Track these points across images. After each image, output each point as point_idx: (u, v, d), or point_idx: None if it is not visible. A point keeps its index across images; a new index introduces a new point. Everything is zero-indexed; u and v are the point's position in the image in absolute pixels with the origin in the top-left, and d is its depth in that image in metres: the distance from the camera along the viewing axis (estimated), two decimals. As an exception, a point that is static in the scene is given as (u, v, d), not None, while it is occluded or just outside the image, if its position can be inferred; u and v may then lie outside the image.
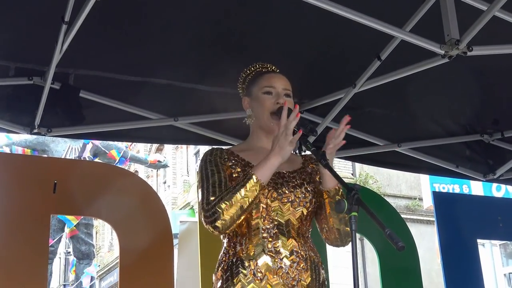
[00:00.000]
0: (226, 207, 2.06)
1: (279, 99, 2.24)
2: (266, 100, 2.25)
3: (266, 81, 2.29)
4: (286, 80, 2.31)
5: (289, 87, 2.30)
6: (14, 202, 3.58)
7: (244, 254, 2.13)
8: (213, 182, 2.15)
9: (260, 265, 2.10)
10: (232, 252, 2.17)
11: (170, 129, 3.80)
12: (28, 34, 3.00)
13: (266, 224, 2.15)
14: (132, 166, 20.20)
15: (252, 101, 2.31)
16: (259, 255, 2.12)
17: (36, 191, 3.60)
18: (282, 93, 2.26)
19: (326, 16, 2.70)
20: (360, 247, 14.53)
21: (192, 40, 3.16)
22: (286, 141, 2.05)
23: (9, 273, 3.40)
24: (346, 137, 2.14)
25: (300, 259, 2.14)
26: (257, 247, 2.13)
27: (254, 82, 2.32)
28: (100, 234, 24.86)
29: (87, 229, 9.52)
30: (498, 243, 14.44)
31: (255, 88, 2.30)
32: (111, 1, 2.40)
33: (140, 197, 3.89)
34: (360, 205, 1.85)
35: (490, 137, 4.24)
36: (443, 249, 4.41)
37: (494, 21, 2.70)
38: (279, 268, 2.10)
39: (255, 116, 2.30)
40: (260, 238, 2.14)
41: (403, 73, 3.17)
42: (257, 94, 2.28)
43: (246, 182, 2.06)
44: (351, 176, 16.79)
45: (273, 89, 2.27)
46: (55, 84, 3.30)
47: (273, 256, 2.12)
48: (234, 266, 2.13)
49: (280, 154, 2.07)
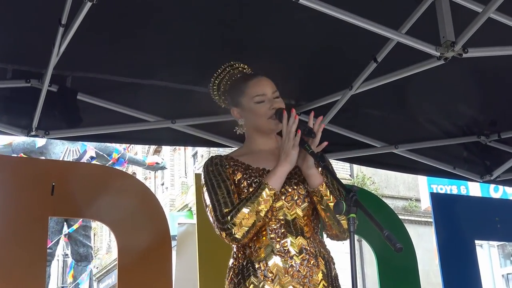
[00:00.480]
0: (244, 218, 2.08)
1: (273, 104, 2.24)
2: (261, 109, 2.24)
3: (254, 89, 2.25)
4: (270, 81, 2.29)
5: (275, 87, 2.28)
6: (12, 205, 3.58)
7: (254, 257, 2.15)
8: (221, 193, 2.16)
9: (270, 266, 2.11)
10: (242, 256, 2.18)
11: (167, 131, 3.80)
12: (25, 36, 3.00)
13: (272, 225, 2.16)
14: (130, 168, 20.17)
15: (243, 111, 2.29)
16: (269, 256, 2.13)
17: (34, 193, 3.60)
18: (273, 97, 2.25)
19: (323, 19, 2.71)
20: (358, 248, 14.55)
21: (190, 42, 3.16)
22: (290, 146, 2.11)
23: (8, 276, 3.40)
24: (343, 139, 2.16)
25: (310, 256, 2.15)
26: (266, 249, 2.14)
27: (239, 92, 2.28)
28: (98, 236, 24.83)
29: (85, 231, 9.49)
30: (496, 244, 14.45)
31: (243, 99, 2.27)
32: (107, 3, 2.40)
33: (138, 199, 3.89)
34: (358, 207, 1.86)
35: (487, 138, 4.25)
36: (441, 250, 4.42)
37: (489, 23, 2.72)
38: (290, 267, 2.11)
39: (251, 124, 2.30)
40: (268, 239, 2.15)
41: (399, 74, 3.18)
42: (249, 105, 2.26)
43: (260, 192, 2.10)
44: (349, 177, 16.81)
45: (265, 97, 2.24)
46: (52, 86, 3.30)
47: (282, 255, 2.13)
48: (245, 269, 2.14)
49: (287, 161, 2.12)
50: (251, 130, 2.32)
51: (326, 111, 3.67)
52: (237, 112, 2.31)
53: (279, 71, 2.40)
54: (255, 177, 2.20)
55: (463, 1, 2.74)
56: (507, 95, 3.80)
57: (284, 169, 2.13)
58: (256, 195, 2.10)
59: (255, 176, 2.20)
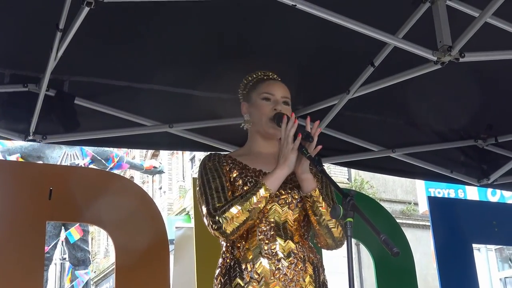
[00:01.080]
0: (236, 214, 2.09)
1: (277, 106, 2.27)
2: (264, 106, 2.29)
3: (266, 88, 2.32)
4: (285, 88, 2.35)
5: (288, 95, 2.33)
6: (9, 209, 3.58)
7: (242, 257, 2.15)
8: (215, 187, 2.18)
9: (257, 268, 2.12)
10: (230, 256, 2.18)
11: (165, 135, 3.80)
12: (23, 41, 3.00)
13: (262, 226, 2.17)
14: (128, 172, 20.17)
15: (251, 106, 2.34)
16: (256, 257, 2.13)
17: (32, 197, 3.60)
18: (281, 100, 2.30)
19: (320, 23, 2.71)
20: (356, 252, 14.53)
21: (187, 46, 3.16)
22: (289, 150, 2.13)
23: (5, 280, 3.39)
24: (341, 143, 2.16)
25: (298, 260, 2.15)
26: (254, 250, 2.15)
27: (254, 88, 2.35)
28: (96, 240, 24.81)
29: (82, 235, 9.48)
30: (494, 248, 14.45)
31: (254, 94, 2.34)
32: (105, 8, 2.40)
33: (136, 203, 3.89)
34: (355, 211, 1.86)
35: (484, 142, 4.25)
36: (439, 254, 4.42)
37: (486, 27, 2.72)
38: (277, 269, 2.12)
39: (253, 121, 2.33)
40: (257, 240, 2.16)
41: (396, 79, 3.19)
42: (256, 100, 2.32)
43: (256, 191, 2.11)
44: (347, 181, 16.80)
45: (272, 96, 2.30)
46: (50, 91, 3.30)
47: (270, 258, 2.13)
48: (232, 269, 2.15)
49: (286, 164, 2.14)
50: (253, 131, 2.35)
51: (324, 115, 3.68)
52: (245, 107, 2.36)
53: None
54: (251, 176, 2.21)
55: (460, 6, 2.76)
56: (504, 98, 3.81)
57: (283, 172, 2.14)
58: (251, 193, 2.11)
59: (251, 176, 2.22)
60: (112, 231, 3.84)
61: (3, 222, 3.53)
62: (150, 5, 2.74)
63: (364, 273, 15.02)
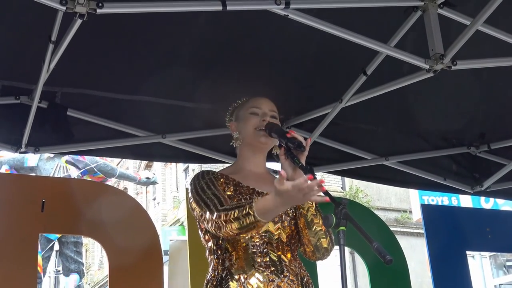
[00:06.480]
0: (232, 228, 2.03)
1: (266, 117, 2.30)
2: (252, 119, 2.31)
3: (253, 103, 2.36)
4: (272, 103, 2.38)
5: (275, 109, 2.37)
6: (1, 221, 3.56)
7: (234, 269, 2.14)
8: (213, 193, 2.15)
9: (250, 280, 2.11)
10: (221, 268, 2.17)
11: (158, 146, 3.79)
12: (15, 53, 2.99)
13: (255, 240, 2.16)
14: (122, 183, 20.11)
15: (239, 123, 2.36)
16: (249, 269, 2.13)
17: (24, 210, 3.58)
18: (269, 114, 2.32)
19: (312, 33, 2.72)
20: (351, 260, 14.53)
21: (179, 57, 3.17)
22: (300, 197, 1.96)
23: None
24: (334, 151, 2.16)
25: (291, 274, 2.16)
26: (247, 263, 2.14)
27: (241, 107, 2.39)
28: (90, 252, 24.69)
29: (76, 247, 9.43)
30: (488, 255, 14.48)
31: (242, 111, 2.37)
32: (98, 20, 2.40)
33: (129, 215, 3.87)
34: (348, 220, 1.85)
35: (477, 150, 4.27)
36: (433, 262, 4.42)
37: (478, 35, 2.74)
38: (270, 281, 2.11)
39: (243, 136, 2.33)
40: (250, 253, 2.15)
41: (389, 87, 3.19)
42: (244, 115, 2.34)
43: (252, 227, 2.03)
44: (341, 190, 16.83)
45: (259, 110, 2.33)
46: (42, 103, 3.29)
47: (263, 270, 2.12)
48: (223, 280, 2.14)
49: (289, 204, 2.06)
50: (243, 148, 2.36)
51: (316, 124, 3.68)
52: (234, 125, 2.38)
53: (268, 84, 2.42)
54: (246, 194, 2.22)
55: (452, 14, 2.77)
56: (496, 106, 3.83)
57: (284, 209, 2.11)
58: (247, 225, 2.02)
59: (245, 193, 2.22)
60: (106, 243, 3.83)
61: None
62: (142, 17, 2.74)
63: (359, 282, 15.01)
